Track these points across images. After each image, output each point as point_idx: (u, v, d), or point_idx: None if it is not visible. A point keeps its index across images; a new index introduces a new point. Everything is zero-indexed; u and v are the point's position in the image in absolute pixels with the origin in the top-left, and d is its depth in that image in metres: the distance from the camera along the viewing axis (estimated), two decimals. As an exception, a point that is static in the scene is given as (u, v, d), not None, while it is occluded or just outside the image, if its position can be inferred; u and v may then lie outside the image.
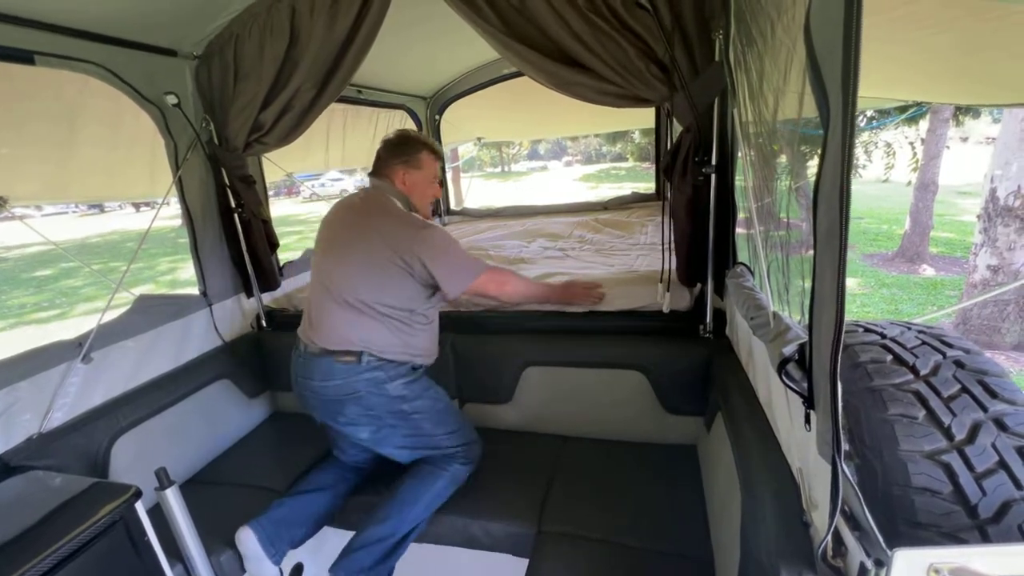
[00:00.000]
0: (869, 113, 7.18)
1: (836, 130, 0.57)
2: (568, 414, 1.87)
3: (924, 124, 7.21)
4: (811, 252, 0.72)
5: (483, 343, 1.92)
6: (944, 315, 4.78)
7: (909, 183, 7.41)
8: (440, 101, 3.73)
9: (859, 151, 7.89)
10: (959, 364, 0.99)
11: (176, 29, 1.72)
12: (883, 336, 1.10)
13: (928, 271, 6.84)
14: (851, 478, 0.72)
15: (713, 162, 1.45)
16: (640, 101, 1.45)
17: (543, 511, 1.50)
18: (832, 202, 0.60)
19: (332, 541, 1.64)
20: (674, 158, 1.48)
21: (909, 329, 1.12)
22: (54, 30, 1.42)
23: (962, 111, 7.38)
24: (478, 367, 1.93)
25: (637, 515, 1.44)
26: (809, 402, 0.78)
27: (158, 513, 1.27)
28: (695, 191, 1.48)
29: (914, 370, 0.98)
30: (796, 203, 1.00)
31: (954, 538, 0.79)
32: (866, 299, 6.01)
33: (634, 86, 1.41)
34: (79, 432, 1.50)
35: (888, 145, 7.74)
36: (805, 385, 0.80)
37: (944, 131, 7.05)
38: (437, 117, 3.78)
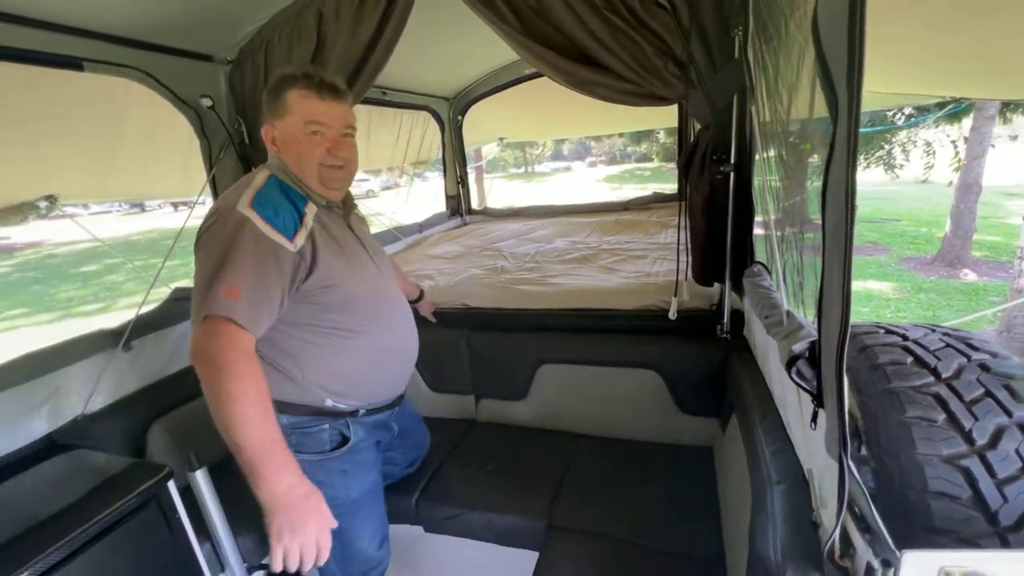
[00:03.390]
0: (907, 110, 6.90)
1: (842, 127, 0.57)
2: (582, 412, 1.88)
3: (967, 121, 6.87)
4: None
5: (498, 340, 1.94)
6: (977, 319, 4.55)
7: (950, 184, 7.08)
8: (463, 102, 3.78)
9: (896, 150, 7.58)
10: (984, 368, 0.96)
11: (212, 35, 1.81)
12: (905, 338, 1.07)
13: (970, 276, 6.52)
14: (858, 477, 0.72)
15: (732, 161, 1.44)
16: (657, 100, 1.45)
17: (554, 506, 1.51)
18: (838, 200, 0.60)
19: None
20: (691, 156, 1.47)
21: (933, 332, 1.09)
22: (101, 38, 1.51)
23: (1010, 108, 7.00)
24: (493, 363, 1.96)
25: (649, 514, 1.44)
26: (818, 400, 0.78)
27: (190, 494, 1.35)
28: (712, 190, 1.47)
29: (935, 373, 0.96)
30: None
31: (972, 545, 0.77)
32: (901, 304, 5.78)
33: (651, 84, 1.41)
34: (119, 415, 1.59)
35: (928, 144, 7.41)
36: (815, 383, 0.79)
37: (989, 129, 6.70)
38: (459, 118, 3.83)
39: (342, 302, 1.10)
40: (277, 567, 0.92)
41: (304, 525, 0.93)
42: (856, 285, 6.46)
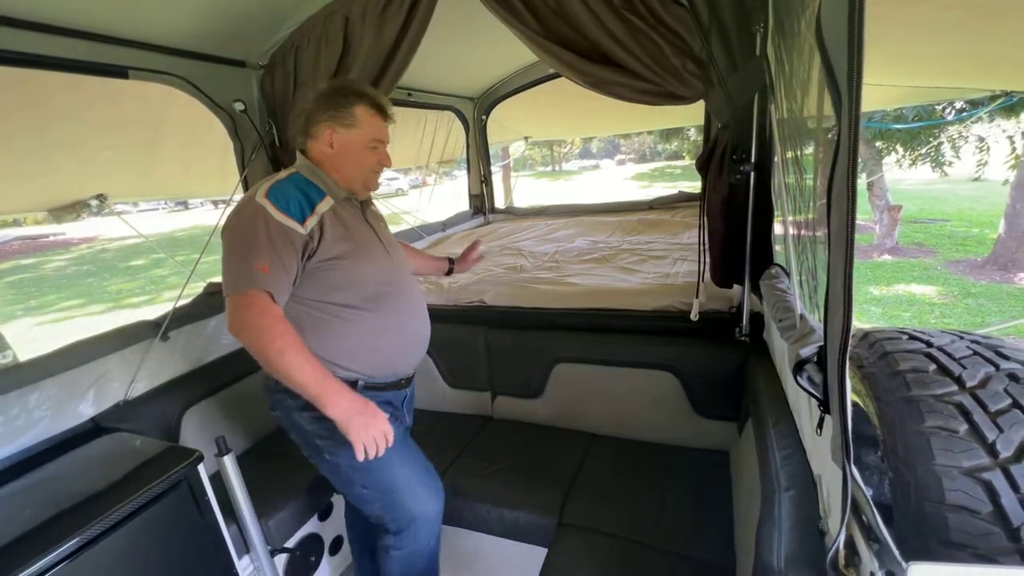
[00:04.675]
0: (958, 104, 6.52)
1: (844, 128, 0.56)
2: (597, 412, 1.87)
3: (1027, 115, 6.42)
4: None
5: (515, 338, 1.96)
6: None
7: (1006, 182, 6.66)
8: (487, 102, 3.81)
9: (946, 146, 7.18)
10: (1014, 378, 0.92)
11: (245, 42, 1.90)
12: (929, 344, 1.03)
13: (1025, 280, 6.11)
14: (862, 485, 0.70)
15: (752, 160, 1.41)
16: (675, 99, 1.43)
17: (565, 504, 1.52)
18: (841, 202, 0.59)
19: None
20: (710, 156, 1.45)
21: (961, 339, 1.05)
22: (145, 47, 1.61)
23: (1076, 100, 6.50)
24: (509, 361, 1.98)
25: (660, 517, 1.43)
26: (824, 405, 0.76)
27: (218, 479, 1.42)
28: (732, 190, 1.44)
29: (959, 381, 0.92)
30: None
31: (991, 561, 0.74)
32: (947, 309, 5.47)
33: (669, 83, 1.40)
34: (156, 401, 1.70)
35: (981, 139, 6.98)
36: (823, 388, 0.78)
37: (1051, 122, 6.26)
38: (483, 117, 3.86)
39: (348, 281, 1.22)
40: (361, 457, 1.14)
41: (372, 421, 1.15)
42: (898, 289, 6.16)
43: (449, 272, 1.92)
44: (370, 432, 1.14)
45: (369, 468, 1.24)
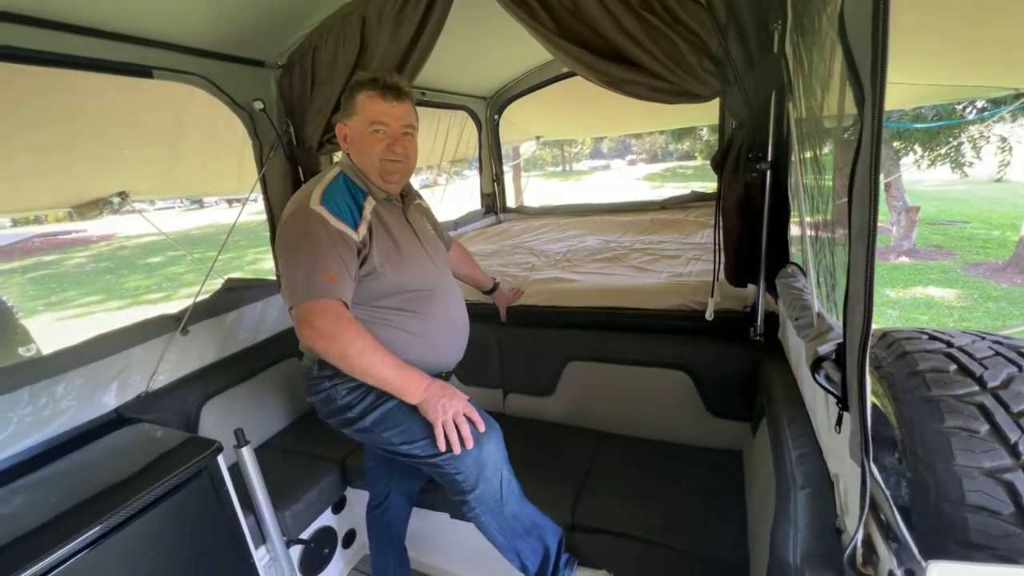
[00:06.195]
0: (980, 103, 6.39)
1: (867, 124, 0.56)
2: (609, 411, 1.87)
3: (1051, 115, 6.28)
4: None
5: (526, 336, 1.97)
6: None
7: (1029, 183, 6.52)
8: (499, 101, 3.82)
9: (966, 147, 7.03)
10: (1038, 379, 0.90)
11: (264, 42, 1.93)
12: (949, 345, 1.02)
13: (1048, 284, 5.97)
14: (881, 483, 0.69)
15: (769, 159, 1.40)
16: (692, 97, 1.43)
17: (577, 504, 1.52)
18: (863, 200, 0.59)
19: (414, 522, 1.71)
20: (725, 154, 1.44)
21: (983, 339, 1.03)
22: (168, 48, 1.65)
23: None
24: (521, 359, 1.99)
25: (673, 516, 1.43)
26: (843, 403, 0.76)
27: (236, 470, 1.45)
28: (747, 189, 1.43)
29: (981, 381, 0.91)
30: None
31: (1012, 563, 0.73)
32: (966, 313, 5.36)
33: (685, 82, 1.40)
34: (177, 393, 1.74)
35: (1003, 139, 6.83)
36: (841, 386, 0.78)
37: (1076, 122, 6.10)
38: (496, 117, 3.87)
39: (389, 290, 1.26)
40: (443, 447, 1.18)
41: (450, 401, 1.19)
42: (916, 291, 6.06)
43: (488, 293, 2.00)
44: (450, 412, 1.18)
45: (409, 423, 1.22)
